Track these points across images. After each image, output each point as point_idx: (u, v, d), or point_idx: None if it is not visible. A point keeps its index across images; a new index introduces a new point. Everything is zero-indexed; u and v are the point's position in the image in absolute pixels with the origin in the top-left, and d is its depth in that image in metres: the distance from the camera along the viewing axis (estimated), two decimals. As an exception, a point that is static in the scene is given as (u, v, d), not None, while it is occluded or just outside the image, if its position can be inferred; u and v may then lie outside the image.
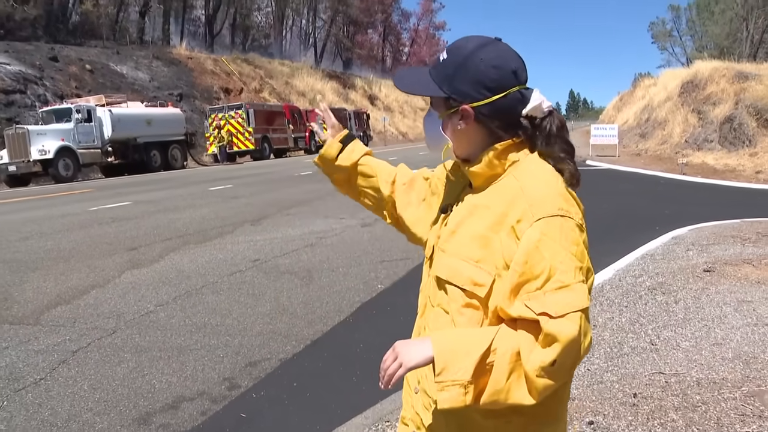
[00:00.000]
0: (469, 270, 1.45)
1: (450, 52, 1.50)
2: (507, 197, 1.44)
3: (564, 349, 1.28)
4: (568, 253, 1.34)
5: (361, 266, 6.59)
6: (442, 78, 1.50)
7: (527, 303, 1.32)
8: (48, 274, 6.63)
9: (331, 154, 1.97)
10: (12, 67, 30.66)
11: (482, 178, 1.52)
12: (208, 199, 13.15)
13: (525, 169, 1.48)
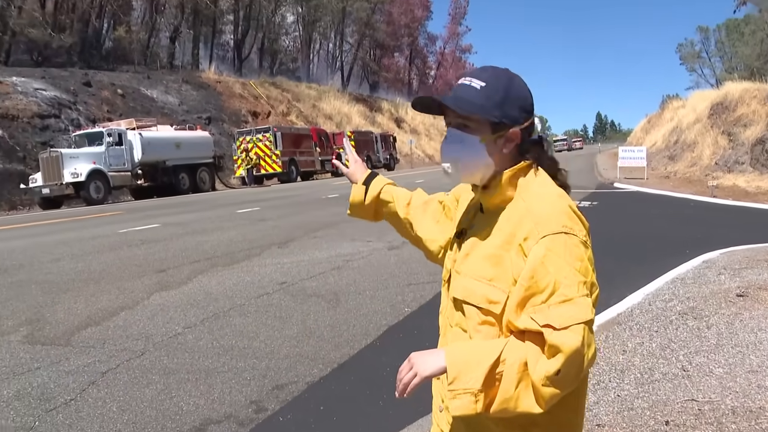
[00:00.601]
0: (483, 288, 1.53)
1: (487, 80, 1.58)
2: (515, 217, 1.53)
3: (567, 359, 1.35)
4: (572, 268, 1.42)
5: (388, 289, 6.58)
6: (491, 104, 1.55)
7: (533, 316, 1.40)
8: (79, 295, 6.71)
9: (359, 199, 2.08)
10: (48, 93, 31.37)
11: (496, 201, 1.60)
12: (235, 221, 13.26)
13: (532, 190, 1.56)
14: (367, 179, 2.10)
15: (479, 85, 1.57)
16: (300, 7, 67.32)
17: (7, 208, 24.81)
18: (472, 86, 1.57)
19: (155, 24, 49.40)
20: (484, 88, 1.56)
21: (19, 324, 5.71)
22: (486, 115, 1.55)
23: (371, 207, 2.08)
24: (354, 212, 2.14)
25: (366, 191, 2.08)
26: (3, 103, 28.48)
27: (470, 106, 1.56)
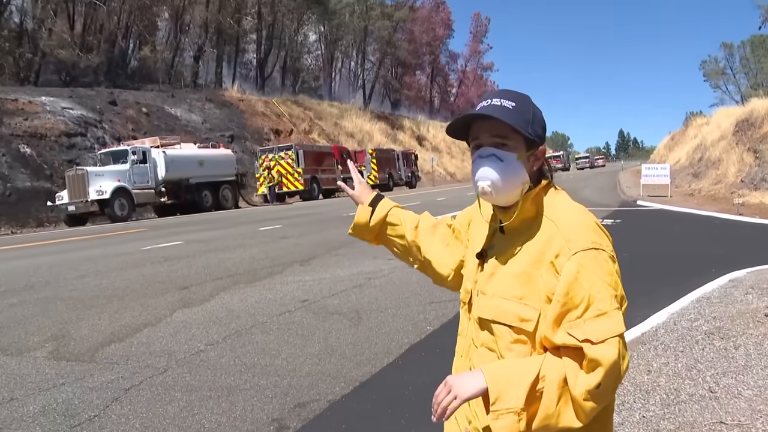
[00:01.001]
0: (514, 307, 1.54)
1: (515, 101, 1.62)
2: (543, 235, 1.56)
3: (607, 372, 1.39)
4: (603, 282, 1.45)
5: (410, 307, 6.57)
6: (523, 122, 1.59)
7: (570, 331, 1.43)
8: (103, 312, 6.78)
9: (364, 220, 2.10)
10: (75, 112, 31.89)
11: (518, 220, 1.62)
12: (258, 239, 13.33)
13: (556, 207, 1.60)
14: (373, 201, 2.11)
15: (510, 105, 1.59)
16: (322, 26, 67.96)
17: (34, 225, 25.17)
18: (504, 106, 1.59)
19: (179, 44, 50.11)
20: (515, 107, 1.59)
21: (45, 340, 5.77)
22: (525, 132, 1.58)
23: (375, 229, 2.09)
24: (356, 233, 2.15)
25: (372, 213, 2.09)
26: (32, 123, 29.00)
27: (518, 121, 1.58)
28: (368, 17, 70.78)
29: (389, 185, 45.18)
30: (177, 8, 48.90)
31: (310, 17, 64.56)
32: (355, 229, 2.13)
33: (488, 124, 1.60)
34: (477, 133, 1.63)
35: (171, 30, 50.79)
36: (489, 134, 1.60)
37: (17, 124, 28.52)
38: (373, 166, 43.54)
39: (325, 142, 47.17)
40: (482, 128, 1.62)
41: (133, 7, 43.34)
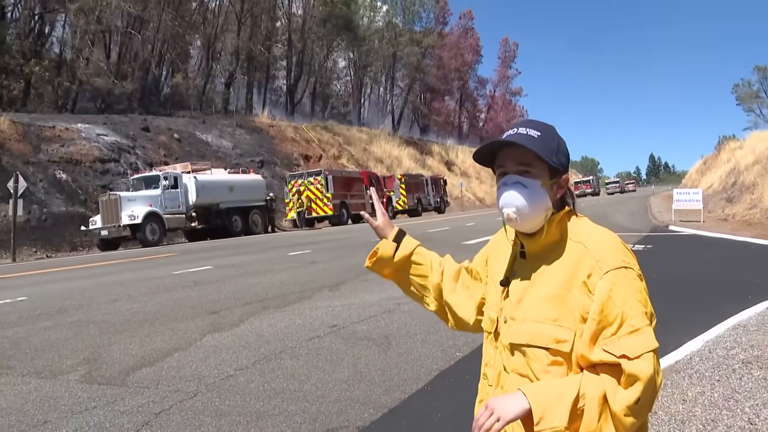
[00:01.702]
0: (550, 330, 1.58)
1: (541, 130, 1.67)
2: (572, 257, 1.60)
3: (645, 387, 1.43)
4: (635, 300, 1.51)
5: (439, 333, 6.53)
6: (548, 150, 1.65)
7: (606, 348, 1.48)
8: (134, 336, 6.84)
9: (387, 255, 2.11)
10: (109, 138, 32.54)
11: (540, 245, 1.67)
12: (287, 263, 13.39)
13: (581, 231, 1.66)
14: (397, 236, 2.13)
15: (536, 134, 1.65)
16: (351, 53, 68.69)
17: (68, 249, 25.60)
18: (530, 134, 1.65)
19: (211, 71, 50.98)
20: (541, 137, 1.65)
21: (78, 363, 5.84)
22: (550, 160, 1.64)
23: (397, 264, 2.10)
24: (375, 266, 2.15)
25: (396, 248, 2.10)
26: (68, 149, 29.65)
27: (543, 149, 1.64)
28: (397, 43, 71.41)
29: (418, 210, 45.20)
30: (209, 36, 49.83)
31: (340, 44, 65.34)
32: (377, 263, 2.14)
33: (514, 151, 1.66)
34: (503, 161, 1.69)
35: (203, 57, 51.74)
36: (514, 162, 1.66)
37: (54, 151, 29.17)
38: (402, 191, 43.62)
39: (354, 167, 47.44)
40: (508, 156, 1.68)
41: (166, 36, 44.26)
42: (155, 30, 43.79)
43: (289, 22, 59.33)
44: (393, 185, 43.52)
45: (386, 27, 72.00)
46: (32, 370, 5.69)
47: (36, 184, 26.63)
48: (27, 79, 36.54)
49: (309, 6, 59.05)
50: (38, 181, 26.99)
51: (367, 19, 70.49)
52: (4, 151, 27.29)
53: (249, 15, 52.24)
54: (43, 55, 38.77)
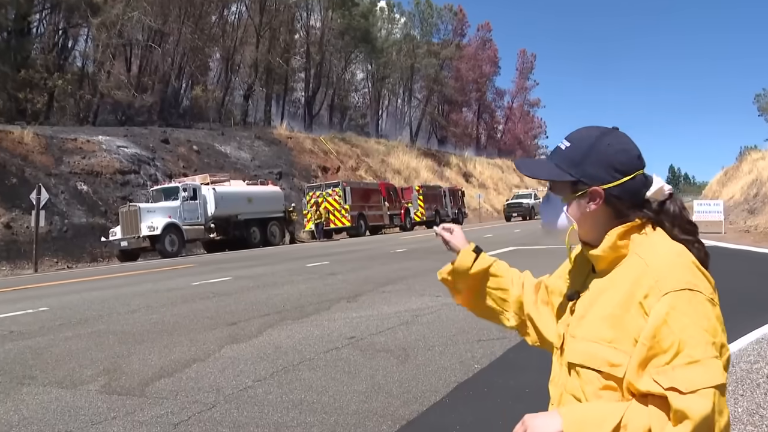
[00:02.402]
0: (603, 351, 1.46)
1: (573, 141, 1.61)
2: (632, 275, 1.47)
3: (696, 427, 1.27)
4: (698, 327, 1.34)
5: (458, 345, 6.50)
6: (569, 163, 1.58)
7: (655, 378, 1.33)
8: (153, 346, 6.88)
9: (465, 266, 1.99)
10: (129, 150, 32.89)
11: (606, 260, 1.56)
12: (305, 275, 13.42)
13: (648, 245, 1.51)
14: (475, 248, 2.03)
15: (565, 146, 1.61)
16: (369, 65, 68.98)
17: (88, 260, 25.84)
18: (559, 147, 1.62)
19: (230, 83, 51.41)
20: (569, 148, 1.60)
21: (98, 374, 5.88)
22: (557, 178, 1.60)
23: (475, 276, 1.99)
24: (454, 277, 2.04)
25: (475, 260, 1.99)
26: (89, 161, 29.99)
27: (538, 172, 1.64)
28: (415, 55, 71.60)
29: (436, 222, 45.11)
30: (228, 49, 50.27)
31: (358, 56, 65.66)
32: (454, 274, 2.03)
33: None
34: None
35: (222, 70, 52.21)
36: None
37: (76, 163, 29.52)
38: (420, 203, 43.61)
39: (372, 179, 47.52)
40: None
41: (186, 49, 44.71)
42: (175, 43, 44.28)
43: (307, 35, 59.72)
44: (411, 197, 43.52)
45: (404, 39, 72.24)
46: (53, 380, 5.74)
47: (58, 196, 26.94)
48: (50, 92, 37.08)
49: (327, 19, 59.42)
50: (60, 192, 27.32)
51: (385, 31, 70.80)
52: (28, 163, 27.65)
53: (268, 28, 52.65)
54: (66, 69, 39.36)
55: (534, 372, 5.09)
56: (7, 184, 25.65)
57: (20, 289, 14.57)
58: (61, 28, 40.50)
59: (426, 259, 15.53)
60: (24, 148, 28.29)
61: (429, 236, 28.11)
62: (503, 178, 76.46)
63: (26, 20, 37.03)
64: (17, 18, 35.97)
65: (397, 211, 40.55)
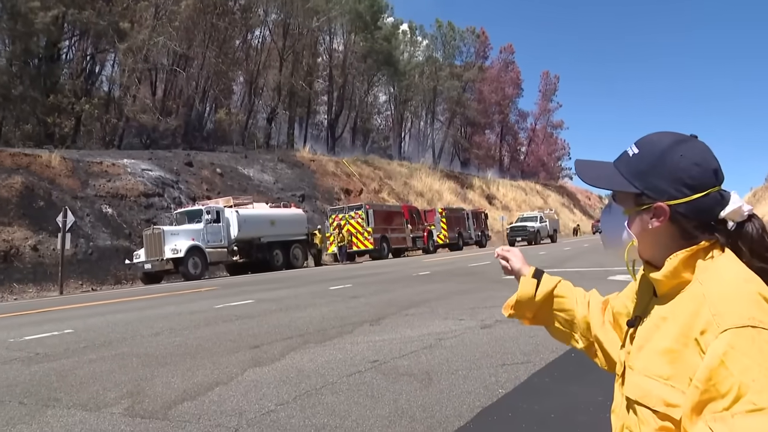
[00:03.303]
0: (659, 389, 1.32)
1: (642, 147, 1.44)
2: (691, 305, 1.32)
3: None
4: (762, 369, 1.17)
5: (481, 369, 6.45)
6: (634, 173, 1.42)
7: (712, 425, 1.18)
8: (176, 369, 6.90)
9: (528, 294, 1.88)
10: (153, 173, 33.31)
11: (667, 286, 1.40)
12: (328, 298, 13.41)
13: (712, 272, 1.35)
14: (536, 273, 1.91)
15: (633, 152, 1.44)
16: (392, 87, 69.42)
17: (112, 283, 26.11)
18: (627, 153, 1.46)
19: (253, 106, 51.99)
20: (636, 155, 1.43)
21: (121, 396, 5.91)
22: (619, 188, 1.45)
23: (538, 303, 1.87)
24: (518, 310, 1.92)
25: (537, 285, 1.88)
26: (114, 184, 30.42)
27: (598, 180, 1.47)
28: (437, 78, 71.98)
29: (459, 244, 45.01)
30: (251, 72, 50.90)
31: (380, 78, 66.16)
32: (517, 306, 1.91)
33: None
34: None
35: (245, 93, 52.86)
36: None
37: (101, 186, 29.96)
38: (443, 225, 43.54)
39: (395, 201, 47.58)
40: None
41: (210, 73, 45.37)
42: (199, 67, 44.97)
43: (330, 58, 60.37)
44: (434, 219, 43.47)
45: (426, 61, 72.69)
46: (77, 402, 5.78)
47: (83, 219, 27.32)
48: (77, 116, 37.84)
49: (350, 42, 60.04)
50: (85, 215, 27.70)
51: (408, 54, 71.29)
52: (55, 186, 28.12)
53: (291, 51, 53.30)
54: (93, 94, 40.18)
55: (559, 397, 5.04)
56: (34, 207, 26.08)
57: (46, 311, 14.73)
58: (89, 54, 41.40)
59: (449, 281, 15.47)
60: (51, 172, 28.79)
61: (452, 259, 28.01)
62: (527, 200, 76.16)
63: (56, 47, 37.92)
64: (48, 45, 36.83)
65: (420, 234, 40.49)
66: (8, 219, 24.83)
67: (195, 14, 42.91)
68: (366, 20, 58.73)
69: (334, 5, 55.19)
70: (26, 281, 23.65)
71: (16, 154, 28.73)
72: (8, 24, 34.26)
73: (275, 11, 53.23)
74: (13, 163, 27.63)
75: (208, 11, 44.64)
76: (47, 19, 33.56)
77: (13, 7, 33.57)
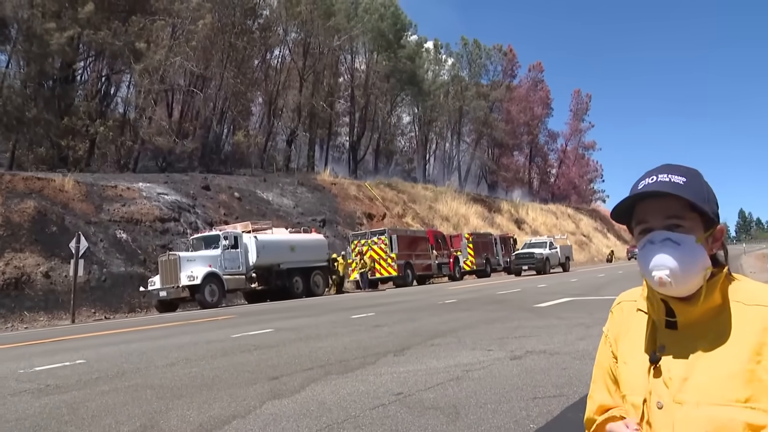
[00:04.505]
0: (739, 414, 1.32)
1: (685, 175, 1.48)
2: (754, 323, 1.36)
3: None
4: None
5: (512, 403, 6.38)
6: (701, 198, 1.46)
7: None
8: (192, 401, 6.91)
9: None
10: (169, 197, 33.65)
11: (700, 311, 1.44)
12: (350, 327, 13.39)
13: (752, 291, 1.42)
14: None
15: (681, 181, 1.46)
16: (416, 108, 69.71)
17: (126, 311, 26.28)
18: (674, 181, 1.46)
19: (272, 128, 52.43)
20: (687, 183, 1.46)
21: (134, 430, 5.92)
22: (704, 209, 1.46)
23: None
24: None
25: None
26: (129, 208, 30.75)
27: (695, 197, 1.46)
28: (463, 97, 72.20)
29: (486, 271, 44.79)
30: (271, 93, 51.42)
31: (404, 99, 66.50)
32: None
33: (659, 203, 1.47)
34: (644, 215, 1.50)
35: (264, 115, 53.38)
36: (661, 215, 1.47)
37: (115, 210, 30.31)
38: (470, 251, 43.37)
39: (420, 226, 47.55)
40: (652, 208, 1.49)
41: (228, 94, 45.91)
42: (217, 88, 45.54)
43: (352, 78, 60.84)
44: (460, 245, 43.33)
45: (452, 81, 72.99)
46: (89, 436, 5.80)
47: (97, 244, 27.62)
48: (92, 139, 38.45)
49: (372, 61, 60.49)
50: (99, 240, 28.00)
51: (432, 73, 71.63)
52: (68, 211, 28.50)
53: (311, 71, 53.82)
54: (107, 116, 40.83)
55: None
56: (47, 233, 26.43)
57: (57, 340, 14.86)
58: (104, 75, 42.15)
59: (476, 310, 15.37)
60: (65, 196, 29.20)
61: (480, 286, 27.87)
62: (557, 224, 75.67)
63: (71, 68, 38.67)
64: (62, 66, 37.57)
65: (445, 260, 40.35)
66: (20, 245, 25.17)
67: (213, 33, 43.55)
68: (389, 39, 59.19)
69: (356, 23, 55.74)
70: (37, 309, 23.88)
71: (29, 178, 29.20)
72: (24, 46, 35.02)
73: (295, 30, 53.85)
74: (25, 188, 28.07)
75: (226, 30, 45.30)
76: (62, 40, 34.25)
77: (29, 28, 34.34)
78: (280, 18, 51.49)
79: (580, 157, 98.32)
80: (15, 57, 36.67)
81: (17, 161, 35.58)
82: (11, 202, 26.57)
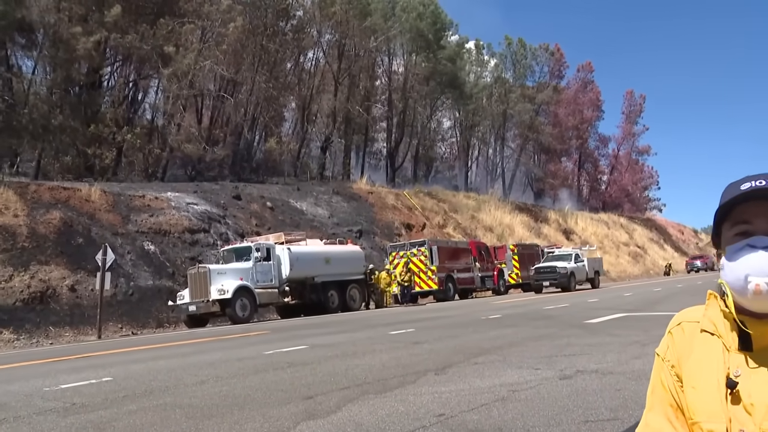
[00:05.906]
0: None
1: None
2: None
3: None
4: None
5: (561, 426, 6.30)
6: None
7: None
8: (222, 422, 6.95)
9: None
10: (199, 207, 34.00)
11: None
12: (388, 343, 13.36)
13: None
14: None
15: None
16: (457, 112, 69.61)
17: (154, 326, 26.57)
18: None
19: (306, 134, 52.75)
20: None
21: (163, 451, 5.97)
22: None
23: None
24: None
25: None
26: (157, 219, 31.17)
27: None
28: (507, 100, 71.89)
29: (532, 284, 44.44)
30: (304, 98, 51.78)
31: (444, 102, 66.44)
32: None
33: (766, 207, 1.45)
34: (746, 217, 1.47)
35: (298, 120, 53.73)
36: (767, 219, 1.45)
37: (143, 221, 30.74)
38: (515, 263, 43.03)
39: (461, 237, 47.37)
40: (757, 211, 1.45)
41: (259, 99, 46.33)
42: (248, 92, 45.99)
43: (389, 81, 60.99)
44: (505, 257, 43.01)
45: (495, 83, 72.75)
46: (116, 457, 5.86)
47: (124, 256, 28.02)
48: (119, 147, 39.12)
49: (411, 63, 60.57)
50: (126, 252, 28.41)
51: (474, 75, 71.51)
52: (94, 221, 28.99)
53: (347, 75, 54.09)
54: (135, 123, 41.56)
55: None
56: (72, 245, 26.90)
57: (84, 356, 15.10)
58: (131, 81, 42.91)
59: (523, 326, 15.24)
60: (91, 206, 29.70)
61: (525, 301, 27.63)
62: (609, 234, 74.81)
63: (98, 73, 39.41)
64: (89, 72, 38.31)
65: (489, 273, 40.10)
66: (45, 257, 25.65)
67: (244, 36, 44.00)
68: (428, 39, 59.20)
69: (394, 24, 55.95)
70: (63, 324, 24.26)
71: (55, 188, 29.77)
72: (50, 51, 35.79)
73: (330, 31, 54.19)
74: (51, 198, 28.63)
75: (257, 33, 45.75)
76: (89, 45, 34.93)
77: (55, 33, 35.10)
78: (314, 19, 51.90)
79: (633, 163, 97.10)
80: (41, 63, 37.50)
81: (43, 170, 36.35)
82: (36, 213, 27.10)
